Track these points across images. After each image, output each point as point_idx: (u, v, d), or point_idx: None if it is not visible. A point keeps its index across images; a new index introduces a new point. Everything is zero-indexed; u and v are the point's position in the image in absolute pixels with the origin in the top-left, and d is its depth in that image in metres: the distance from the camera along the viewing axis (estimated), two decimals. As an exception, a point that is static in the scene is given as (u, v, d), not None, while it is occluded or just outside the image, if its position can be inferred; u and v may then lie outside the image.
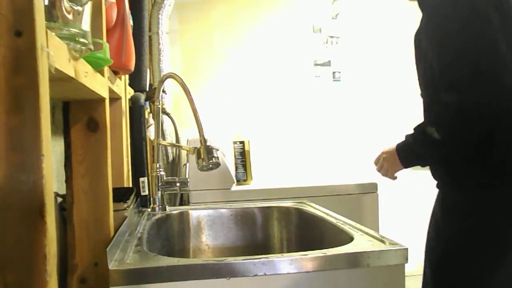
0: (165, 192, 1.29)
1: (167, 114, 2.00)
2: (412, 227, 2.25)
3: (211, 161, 1.13)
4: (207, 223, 1.27)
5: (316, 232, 1.11)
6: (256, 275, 0.71)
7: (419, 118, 1.29)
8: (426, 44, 1.21)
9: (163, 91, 1.87)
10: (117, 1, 1.03)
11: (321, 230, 1.08)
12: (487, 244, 1.15)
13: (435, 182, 1.32)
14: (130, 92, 1.39)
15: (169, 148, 2.11)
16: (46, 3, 0.53)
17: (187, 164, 2.03)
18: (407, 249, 0.76)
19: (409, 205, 2.74)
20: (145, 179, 1.30)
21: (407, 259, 0.76)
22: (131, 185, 1.28)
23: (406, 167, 1.30)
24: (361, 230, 0.91)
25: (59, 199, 0.86)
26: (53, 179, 0.58)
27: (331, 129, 2.77)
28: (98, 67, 0.76)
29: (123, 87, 1.21)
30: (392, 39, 2.80)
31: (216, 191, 1.94)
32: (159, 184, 1.27)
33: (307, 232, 1.18)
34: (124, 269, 0.69)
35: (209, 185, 1.93)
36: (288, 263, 0.73)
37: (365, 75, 2.85)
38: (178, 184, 1.29)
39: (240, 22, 2.57)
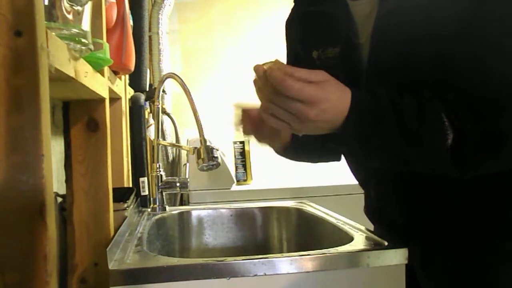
0: (165, 192, 1.29)
1: (167, 114, 2.00)
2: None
3: (211, 161, 1.13)
4: (207, 223, 1.27)
5: (316, 232, 1.11)
6: (256, 275, 0.71)
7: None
8: None
9: (163, 91, 1.87)
10: (117, 1, 1.03)
11: (321, 230, 1.08)
12: None
13: None
14: (130, 92, 1.39)
15: (169, 148, 2.11)
16: (46, 3, 0.53)
17: (187, 164, 2.03)
18: (407, 249, 0.76)
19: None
20: (145, 179, 1.30)
21: (407, 259, 0.76)
22: (131, 185, 1.28)
23: (341, 139, 0.67)
24: (361, 230, 0.91)
25: (59, 199, 0.86)
26: (53, 179, 0.59)
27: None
28: (98, 67, 0.76)
29: (123, 87, 1.21)
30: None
31: (216, 191, 1.94)
32: (159, 184, 1.26)
33: (307, 232, 1.18)
34: (124, 269, 0.69)
35: (209, 185, 1.93)
36: (288, 263, 0.73)
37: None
38: (178, 184, 1.29)
39: (240, 22, 2.57)
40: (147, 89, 1.53)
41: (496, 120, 0.62)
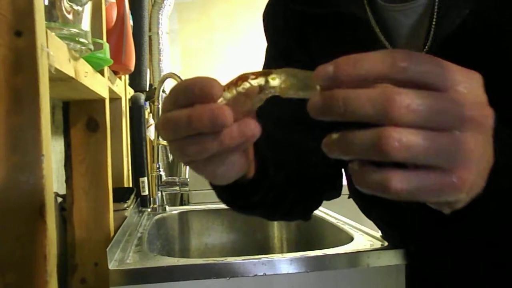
0: (165, 192, 1.29)
1: (167, 114, 2.00)
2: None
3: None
4: (207, 223, 1.27)
5: (316, 232, 1.11)
6: (256, 275, 0.71)
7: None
8: None
9: (163, 91, 1.87)
10: (117, 1, 1.03)
11: (321, 230, 1.08)
12: None
13: None
14: (130, 92, 1.39)
15: (169, 148, 2.11)
16: (46, 3, 0.53)
17: (187, 164, 2.03)
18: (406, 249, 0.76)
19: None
20: (145, 179, 1.30)
21: (407, 259, 0.76)
22: (131, 185, 1.28)
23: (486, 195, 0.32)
24: (361, 230, 0.91)
25: (59, 199, 0.86)
26: (53, 179, 0.58)
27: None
28: (98, 67, 0.76)
29: (123, 87, 1.21)
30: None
31: (216, 191, 1.93)
32: (159, 184, 1.27)
33: (307, 232, 1.18)
34: (124, 269, 0.69)
35: (209, 185, 1.93)
36: (288, 263, 0.73)
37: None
38: (178, 184, 1.29)
39: (240, 22, 2.57)
40: (147, 89, 1.53)
41: None
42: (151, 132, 1.49)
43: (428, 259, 0.66)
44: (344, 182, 0.72)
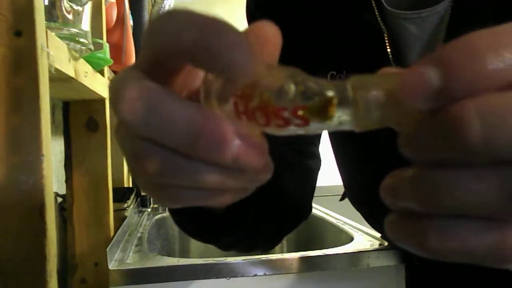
0: (165, 192, 1.29)
1: (167, 114, 2.00)
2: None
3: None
4: (207, 223, 1.27)
5: (316, 232, 1.11)
6: (256, 275, 0.71)
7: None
8: None
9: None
10: (117, 1, 1.03)
11: (321, 230, 1.08)
12: None
13: None
14: (130, 92, 1.39)
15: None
16: (46, 3, 0.53)
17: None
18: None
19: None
20: (145, 179, 1.30)
21: (407, 259, 0.76)
22: (131, 185, 1.28)
23: None
24: (361, 230, 0.91)
25: (59, 199, 0.86)
26: (53, 179, 0.59)
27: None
28: (98, 67, 0.76)
29: (123, 87, 1.21)
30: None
31: (216, 191, 1.93)
32: (159, 184, 1.27)
33: (307, 232, 1.18)
34: (124, 269, 0.69)
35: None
36: (288, 263, 0.73)
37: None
38: (178, 184, 1.29)
39: (240, 22, 2.57)
40: (147, 89, 1.53)
41: None
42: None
43: (432, 274, 0.64)
44: (339, 182, 0.71)
